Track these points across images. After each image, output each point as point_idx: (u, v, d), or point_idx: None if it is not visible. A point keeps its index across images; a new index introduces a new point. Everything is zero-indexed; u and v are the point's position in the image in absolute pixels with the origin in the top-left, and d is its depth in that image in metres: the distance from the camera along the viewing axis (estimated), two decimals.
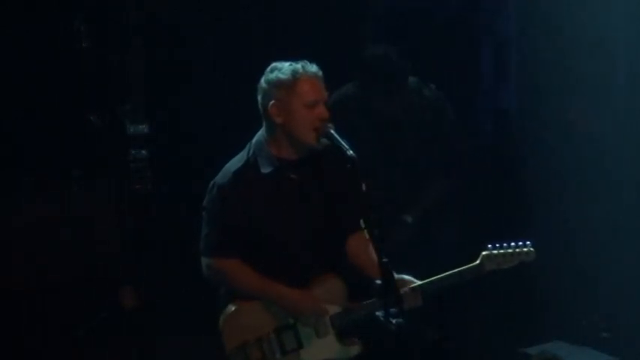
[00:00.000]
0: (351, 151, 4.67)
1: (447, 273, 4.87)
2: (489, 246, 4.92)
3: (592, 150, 7.17)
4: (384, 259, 4.43)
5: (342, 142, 4.72)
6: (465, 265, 4.90)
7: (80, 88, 7.21)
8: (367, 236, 4.68)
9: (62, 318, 6.90)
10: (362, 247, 4.87)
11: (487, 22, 7.37)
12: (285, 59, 4.86)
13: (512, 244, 4.93)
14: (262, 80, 4.85)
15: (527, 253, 4.93)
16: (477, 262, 4.90)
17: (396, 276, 4.57)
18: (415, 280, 4.84)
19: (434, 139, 6.51)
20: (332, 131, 4.76)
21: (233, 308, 4.90)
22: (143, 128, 7.09)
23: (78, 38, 6.86)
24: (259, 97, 4.86)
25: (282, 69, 4.81)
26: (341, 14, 7.43)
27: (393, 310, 4.39)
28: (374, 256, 4.51)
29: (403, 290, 4.66)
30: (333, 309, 4.88)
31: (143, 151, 7.06)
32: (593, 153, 7.15)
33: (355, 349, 4.93)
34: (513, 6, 7.58)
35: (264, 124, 4.89)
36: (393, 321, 4.36)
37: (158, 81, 7.44)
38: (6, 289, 7.08)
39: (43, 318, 6.92)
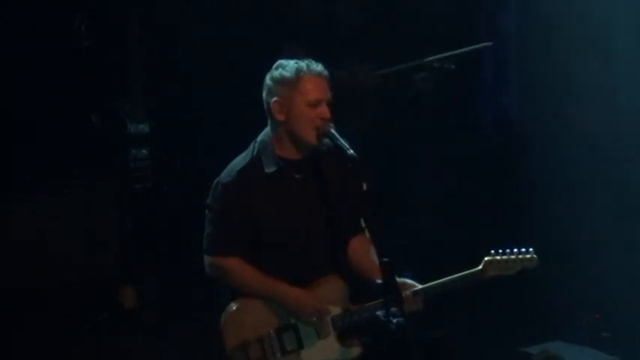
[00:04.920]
0: (352, 151, 4.68)
1: (449, 277, 4.86)
2: (492, 251, 4.90)
3: (592, 150, 7.18)
4: (385, 259, 4.43)
5: (343, 142, 4.73)
6: (467, 269, 4.89)
7: (81, 87, 7.22)
8: (368, 235, 4.70)
9: (62, 318, 6.89)
10: (364, 250, 4.88)
11: (487, 22, 7.38)
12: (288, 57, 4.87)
13: (515, 250, 4.90)
14: (267, 77, 4.86)
15: (529, 259, 4.91)
16: (480, 267, 4.89)
17: (398, 279, 4.57)
18: (416, 284, 4.84)
19: None
20: (333, 131, 4.77)
21: (234, 307, 4.90)
22: (143, 127, 7.09)
23: (79, 37, 6.86)
24: (264, 94, 4.87)
25: (287, 67, 4.82)
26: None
27: (393, 309, 4.39)
28: (376, 259, 4.51)
29: (404, 294, 4.66)
30: (335, 310, 4.88)
31: (144, 151, 7.06)
32: (593, 153, 7.16)
33: (356, 351, 4.92)
34: (514, 6, 7.59)
35: (268, 122, 4.90)
36: (394, 320, 4.36)
37: (158, 80, 7.44)
38: (6, 289, 7.08)
39: (43, 318, 6.91)
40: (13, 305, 6.98)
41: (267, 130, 4.92)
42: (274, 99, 4.82)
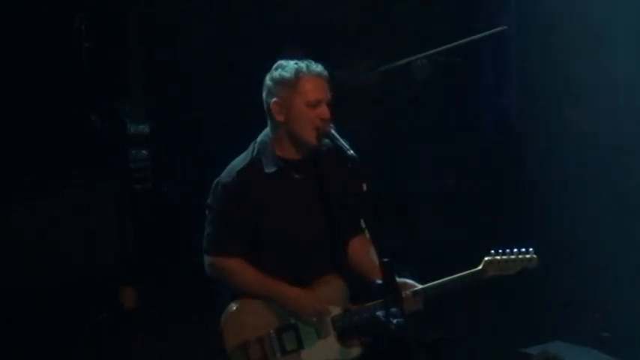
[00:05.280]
0: (352, 151, 4.68)
1: (449, 277, 4.86)
2: (492, 251, 4.90)
3: (592, 150, 7.18)
4: (385, 259, 4.43)
5: (343, 142, 4.73)
6: (467, 269, 4.89)
7: (81, 87, 7.22)
8: (368, 236, 4.69)
9: (62, 318, 6.89)
10: (364, 251, 4.88)
11: (487, 22, 7.37)
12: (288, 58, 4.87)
13: (515, 250, 4.89)
14: (267, 77, 4.86)
15: (529, 259, 4.91)
16: (480, 267, 4.89)
17: (398, 279, 4.57)
18: (417, 284, 4.84)
19: None
20: (333, 131, 4.77)
21: (234, 307, 4.90)
22: (143, 128, 7.09)
23: (79, 38, 6.86)
24: (263, 94, 4.87)
25: (286, 67, 4.81)
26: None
27: (393, 309, 4.40)
28: (376, 259, 4.51)
29: (404, 294, 4.66)
30: (335, 310, 4.88)
31: (144, 151, 7.06)
32: (593, 153, 7.16)
33: (356, 351, 4.92)
34: (514, 6, 7.58)
35: (268, 122, 4.91)
36: (394, 320, 4.36)
37: (158, 80, 7.44)
38: (6, 289, 7.08)
39: (43, 318, 6.92)
40: (13, 305, 6.99)
41: (267, 130, 4.92)
42: (274, 99, 4.82)
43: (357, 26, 7.11)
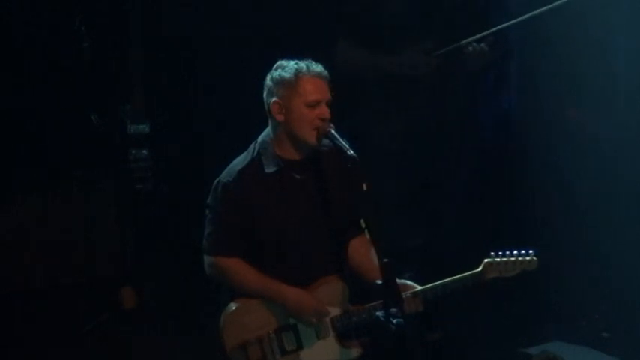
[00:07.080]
0: (352, 152, 4.68)
1: (449, 279, 4.87)
2: (492, 253, 4.90)
3: (592, 150, 7.17)
4: (385, 259, 4.44)
5: (343, 142, 4.73)
6: (467, 270, 4.89)
7: (81, 88, 7.22)
8: (368, 236, 4.70)
9: (62, 318, 6.90)
10: (364, 251, 4.89)
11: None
12: (289, 58, 4.87)
13: (515, 252, 4.90)
14: (267, 77, 4.87)
15: (529, 261, 4.91)
16: (479, 269, 4.89)
17: (398, 280, 4.58)
18: (416, 285, 4.85)
19: None
20: (333, 131, 4.78)
21: (234, 307, 4.91)
22: (144, 128, 7.09)
23: (79, 38, 6.86)
24: (264, 94, 4.88)
25: (286, 67, 4.82)
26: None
27: (393, 310, 4.40)
28: (376, 260, 4.51)
29: (404, 295, 4.67)
30: (335, 310, 4.88)
31: (144, 151, 7.06)
32: (594, 153, 7.15)
33: (356, 351, 4.93)
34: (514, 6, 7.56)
35: (269, 122, 4.91)
36: (394, 321, 4.37)
37: (158, 81, 7.43)
38: (6, 289, 7.09)
39: (43, 318, 6.92)
40: (13, 306, 6.99)
41: (268, 130, 4.94)
42: (274, 99, 4.83)
43: (410, 9, 6.97)
